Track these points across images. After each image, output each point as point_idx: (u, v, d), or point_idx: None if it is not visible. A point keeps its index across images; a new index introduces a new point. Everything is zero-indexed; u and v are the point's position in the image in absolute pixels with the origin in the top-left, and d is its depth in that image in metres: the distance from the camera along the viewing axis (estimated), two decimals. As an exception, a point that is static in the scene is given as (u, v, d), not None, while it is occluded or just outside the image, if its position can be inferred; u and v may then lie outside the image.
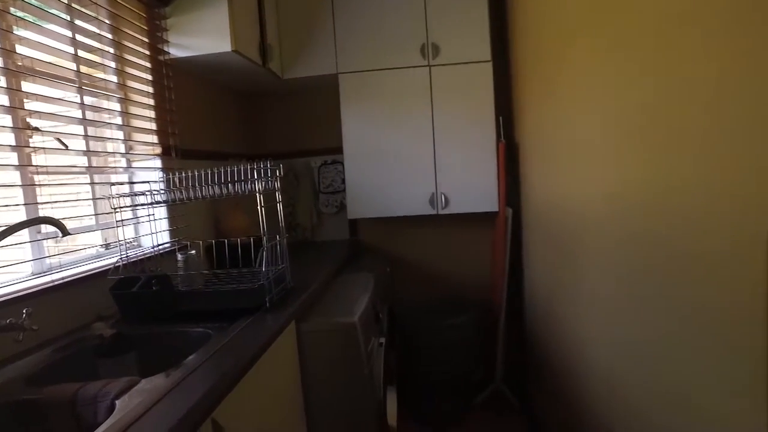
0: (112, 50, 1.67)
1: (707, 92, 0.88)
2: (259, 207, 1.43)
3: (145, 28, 1.84)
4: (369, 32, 2.47)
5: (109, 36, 1.67)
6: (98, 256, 1.61)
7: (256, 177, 1.46)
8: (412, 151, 2.50)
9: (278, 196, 1.56)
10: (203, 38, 1.92)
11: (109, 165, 1.73)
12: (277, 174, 1.54)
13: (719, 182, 0.86)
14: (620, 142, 1.25)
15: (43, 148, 1.35)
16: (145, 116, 1.83)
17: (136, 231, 1.80)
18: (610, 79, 1.30)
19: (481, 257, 2.82)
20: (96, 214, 1.61)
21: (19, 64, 1.31)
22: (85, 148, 1.55)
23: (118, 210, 1.48)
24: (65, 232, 1.12)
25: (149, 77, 1.85)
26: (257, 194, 1.43)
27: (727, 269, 0.85)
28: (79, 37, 1.52)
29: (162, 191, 1.52)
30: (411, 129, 2.49)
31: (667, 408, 1.09)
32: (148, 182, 1.54)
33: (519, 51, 2.34)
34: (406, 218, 2.79)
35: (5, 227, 1.08)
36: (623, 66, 1.21)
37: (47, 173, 1.38)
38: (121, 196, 1.54)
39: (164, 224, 1.85)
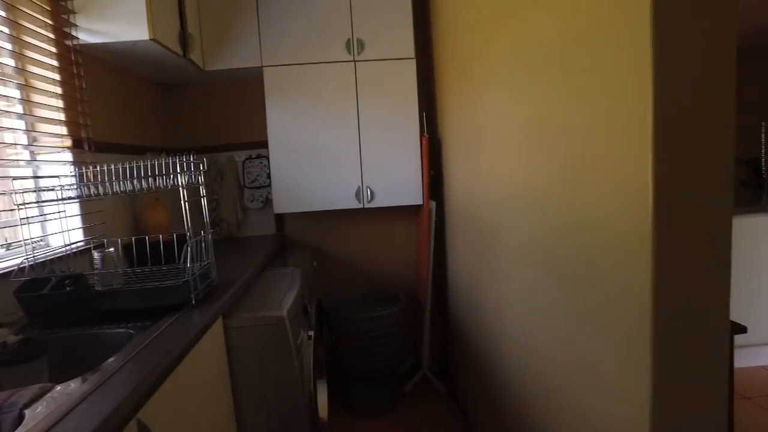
0: (6, 30, 1.53)
1: (597, 102, 0.99)
2: (182, 202, 1.39)
3: (47, 8, 1.71)
4: (294, 26, 2.45)
5: (2, 14, 1.53)
6: (-2, 257, 1.48)
7: (178, 171, 1.41)
8: (337, 146, 2.52)
9: (202, 190, 1.52)
10: (118, 24, 1.81)
11: (9, 157, 1.59)
12: (201, 168, 1.50)
13: (612, 182, 0.96)
14: (529, 142, 1.35)
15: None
16: (52, 105, 1.70)
17: (44, 229, 1.68)
18: (520, 84, 1.40)
19: (407, 249, 2.90)
20: (-5, 212, 1.48)
21: None
22: (-20, 139, 1.42)
23: (21, 207, 1.37)
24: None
25: (55, 63, 1.72)
26: (180, 188, 1.39)
27: (618, 255, 0.96)
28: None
29: (73, 186, 1.43)
30: (337, 124, 2.51)
31: (574, 378, 1.20)
32: (57, 177, 1.44)
33: (441, 50, 2.43)
34: (333, 212, 2.81)
35: None
36: (529, 72, 1.31)
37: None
38: (24, 191, 1.43)
39: (77, 222, 1.74)
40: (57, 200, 1.45)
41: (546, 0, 1.20)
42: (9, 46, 1.55)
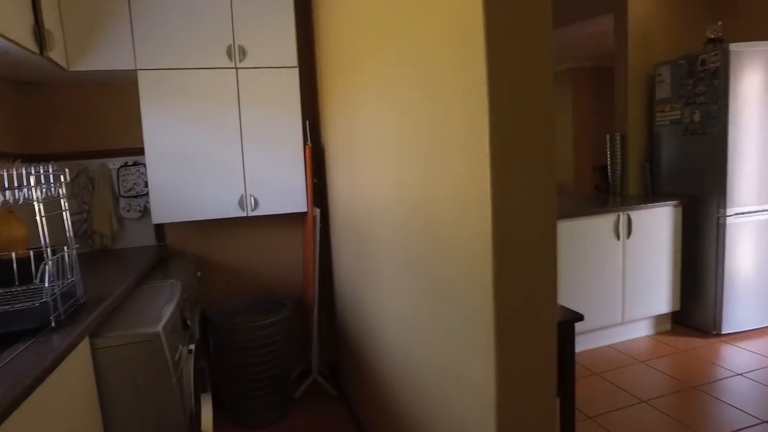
0: None
1: (446, 123, 1.11)
2: (38, 217, 1.30)
3: None
4: (171, 29, 2.36)
5: None
6: None
7: (33, 183, 1.32)
8: (220, 153, 2.48)
9: (63, 203, 1.43)
10: (-46, 20, 1.63)
11: None
12: (62, 179, 1.41)
13: (460, 193, 1.09)
14: (395, 156, 1.47)
15: None
16: None
17: None
18: (386, 102, 1.50)
19: (294, 256, 2.93)
20: None
21: None
22: None
23: None
24: None
25: None
26: (35, 203, 1.30)
27: (466, 260, 1.09)
28: None
29: None
30: (218, 131, 2.47)
31: (436, 372, 1.32)
32: None
33: (323, 59, 2.49)
34: (217, 221, 2.75)
35: None
36: (393, 93, 1.42)
37: None
38: None
39: None
40: None
41: (399, 34, 1.31)
42: None
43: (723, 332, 3.23)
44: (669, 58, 3.47)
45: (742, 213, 3.13)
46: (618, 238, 3.06)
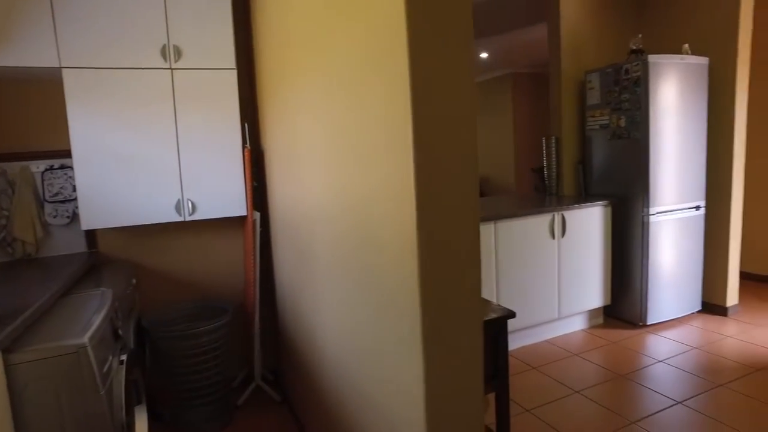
0: None
1: (374, 133, 1.14)
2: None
3: None
4: (100, 26, 2.26)
5: None
6: None
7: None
8: (154, 156, 2.39)
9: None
10: None
11: None
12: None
13: (390, 199, 1.11)
14: (330, 161, 1.48)
15: None
16: None
17: None
18: (321, 109, 1.51)
19: (235, 260, 2.87)
20: None
21: None
22: None
23: None
24: None
25: None
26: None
27: (395, 264, 1.11)
28: None
29: None
30: (153, 133, 2.39)
31: (373, 374, 1.34)
32: None
33: (262, 62, 2.46)
34: (154, 226, 2.66)
35: None
36: (325, 102, 1.43)
37: None
38: None
39: None
40: None
41: (328, 43, 1.32)
42: None
43: (648, 323, 3.45)
44: (598, 66, 3.67)
45: (663, 212, 3.36)
46: (553, 237, 3.20)
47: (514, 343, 3.25)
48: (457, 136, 1.02)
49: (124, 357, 1.71)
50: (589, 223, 3.35)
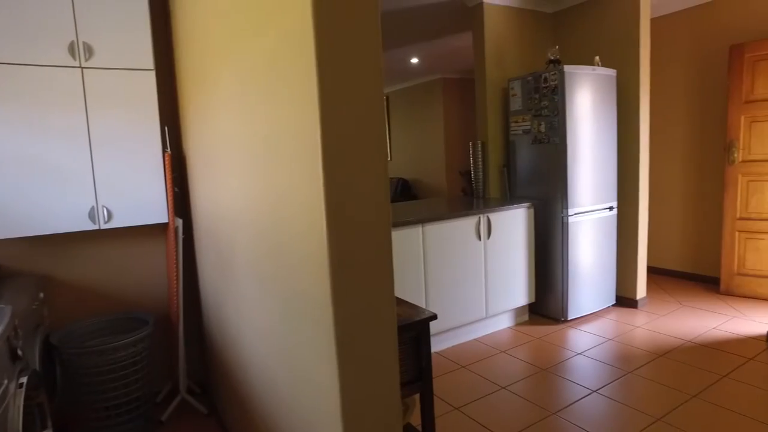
0: None
1: (285, 143, 1.13)
2: None
3: None
4: (-4, 19, 2.09)
5: None
6: None
7: None
8: (64, 162, 2.24)
9: None
10: None
11: None
12: None
13: (303, 206, 1.11)
14: (250, 163, 1.45)
15: None
16: None
17: None
18: (238, 117, 1.48)
19: (157, 268, 2.74)
20: None
21: None
22: None
23: None
24: None
25: None
26: None
27: (308, 271, 1.11)
28: None
29: None
30: (61, 136, 2.23)
31: (292, 379, 1.33)
32: None
33: (182, 65, 2.37)
34: (65, 235, 2.49)
35: None
36: (239, 111, 1.41)
37: None
38: None
39: None
40: None
41: (242, 49, 1.30)
42: None
43: (569, 318, 3.65)
44: (520, 74, 3.85)
45: (580, 212, 3.58)
46: (480, 238, 3.31)
47: (445, 343, 3.33)
48: (366, 142, 1.03)
49: (24, 379, 1.59)
50: (514, 224, 3.50)
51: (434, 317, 1.68)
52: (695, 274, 4.55)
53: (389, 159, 8.96)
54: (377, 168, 1.05)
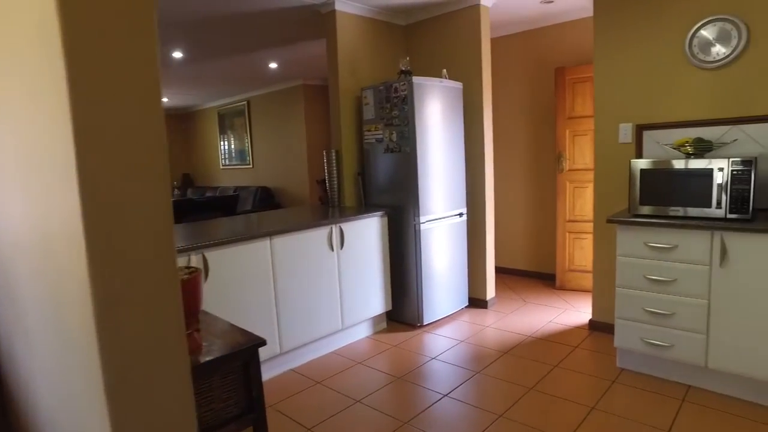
0: None
1: (40, 162, 0.91)
2: None
3: None
4: None
5: None
6: None
7: None
8: None
9: None
10: None
11: None
12: None
13: (57, 221, 0.90)
14: (30, 180, 1.18)
15: None
16: None
17: None
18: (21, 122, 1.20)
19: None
20: None
21: None
22: None
23: None
24: None
25: None
26: None
27: (77, 302, 0.90)
28: None
29: None
30: None
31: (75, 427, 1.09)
32: None
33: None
34: None
35: None
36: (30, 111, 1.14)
37: None
38: None
39: None
40: None
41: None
42: None
43: (425, 323, 3.74)
44: (373, 83, 3.88)
45: (432, 219, 3.69)
46: (332, 249, 3.23)
47: (301, 358, 3.18)
48: (140, 159, 0.86)
49: None
50: (367, 233, 3.48)
51: (263, 343, 1.53)
52: (537, 272, 4.99)
53: (251, 166, 8.57)
54: (156, 188, 0.88)
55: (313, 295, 3.13)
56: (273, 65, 6.15)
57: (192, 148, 10.18)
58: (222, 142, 9.24)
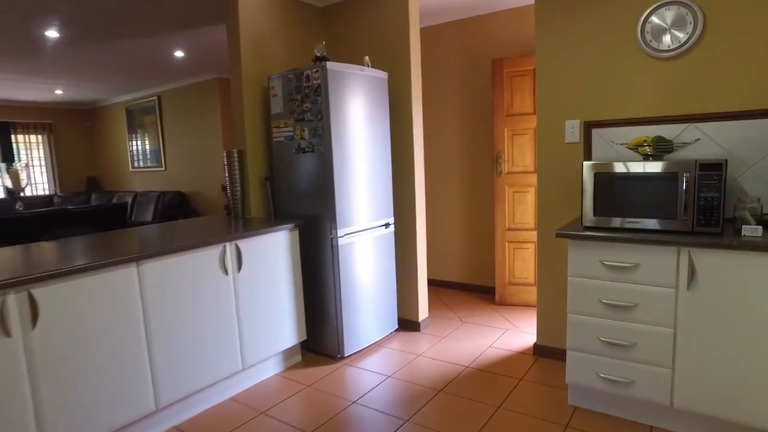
0: None
1: None
2: None
3: None
4: None
5: None
6: None
7: None
8: None
9: None
10: None
11: None
12: None
13: None
14: None
15: None
16: None
17: None
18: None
19: None
20: None
21: None
22: None
23: None
24: None
25: None
26: None
27: None
28: None
29: None
30: None
31: None
32: None
33: None
34: None
35: None
36: None
37: None
38: None
39: None
40: None
41: None
42: None
43: (347, 354, 3.17)
44: (283, 71, 3.27)
45: (353, 232, 3.13)
46: (226, 273, 2.59)
47: (188, 411, 2.51)
48: None
49: None
50: (273, 251, 2.87)
51: None
52: (474, 284, 4.56)
53: (164, 169, 7.65)
54: None
55: (201, 331, 2.47)
56: (179, 53, 5.38)
57: (98, 148, 9.05)
58: (132, 142, 8.23)
